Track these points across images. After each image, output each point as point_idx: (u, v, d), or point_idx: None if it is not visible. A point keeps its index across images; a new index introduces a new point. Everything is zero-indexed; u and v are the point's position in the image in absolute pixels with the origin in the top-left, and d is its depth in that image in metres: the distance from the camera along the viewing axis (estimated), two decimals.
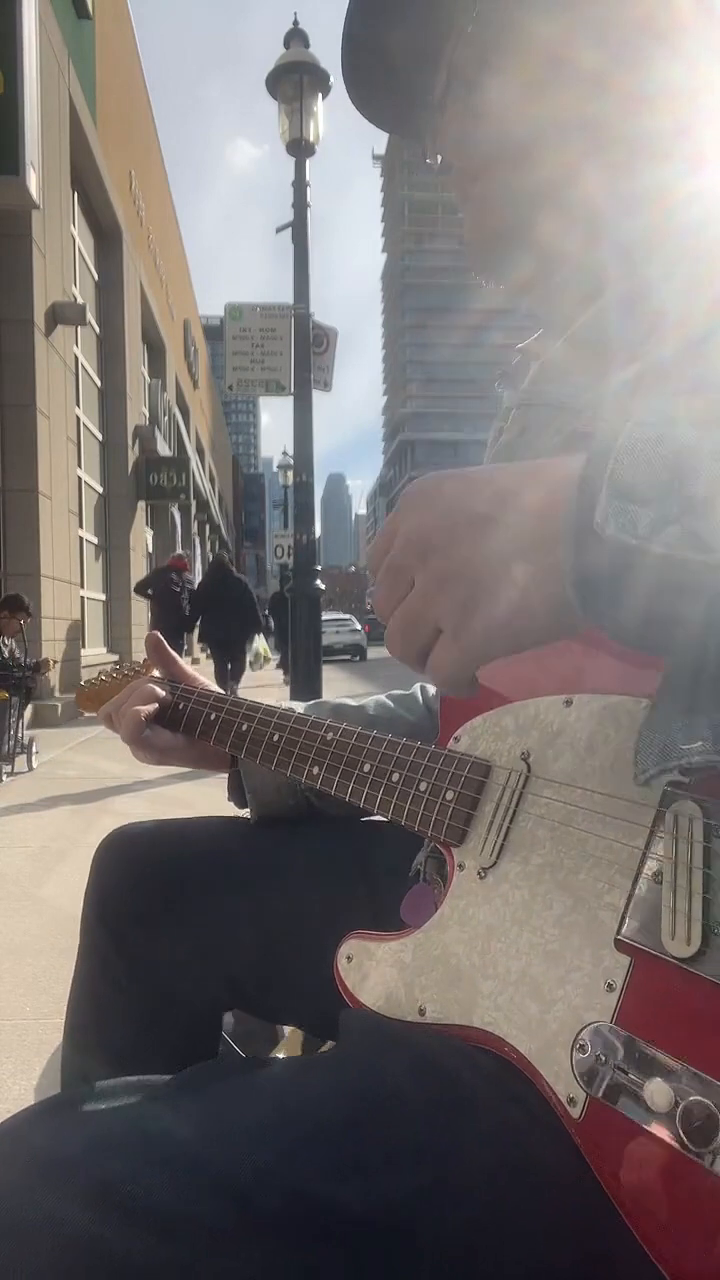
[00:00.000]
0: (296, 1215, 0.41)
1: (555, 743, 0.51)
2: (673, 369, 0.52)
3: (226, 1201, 0.41)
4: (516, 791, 0.52)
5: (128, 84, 12.01)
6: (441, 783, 0.56)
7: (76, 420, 8.98)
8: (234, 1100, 0.47)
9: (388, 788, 0.60)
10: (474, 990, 0.49)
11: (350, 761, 0.63)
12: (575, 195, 0.59)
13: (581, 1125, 0.42)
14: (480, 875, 0.52)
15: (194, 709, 0.79)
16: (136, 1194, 0.40)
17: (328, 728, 0.66)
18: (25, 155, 6.20)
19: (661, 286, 0.54)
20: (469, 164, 0.63)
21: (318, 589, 6.06)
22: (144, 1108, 0.48)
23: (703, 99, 0.58)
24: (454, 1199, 0.43)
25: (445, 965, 0.51)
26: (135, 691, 0.81)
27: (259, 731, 0.72)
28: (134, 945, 0.75)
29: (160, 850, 0.79)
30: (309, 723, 0.68)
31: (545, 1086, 0.44)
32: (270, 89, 6.05)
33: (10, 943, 2.30)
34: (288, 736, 0.69)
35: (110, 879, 0.78)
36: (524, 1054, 0.45)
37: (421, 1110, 0.45)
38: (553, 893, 0.48)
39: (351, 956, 0.56)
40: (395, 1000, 0.53)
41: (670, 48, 0.56)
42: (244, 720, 0.74)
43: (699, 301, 0.52)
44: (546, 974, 0.46)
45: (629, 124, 0.57)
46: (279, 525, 24.23)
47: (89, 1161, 0.42)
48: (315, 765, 0.66)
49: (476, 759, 0.55)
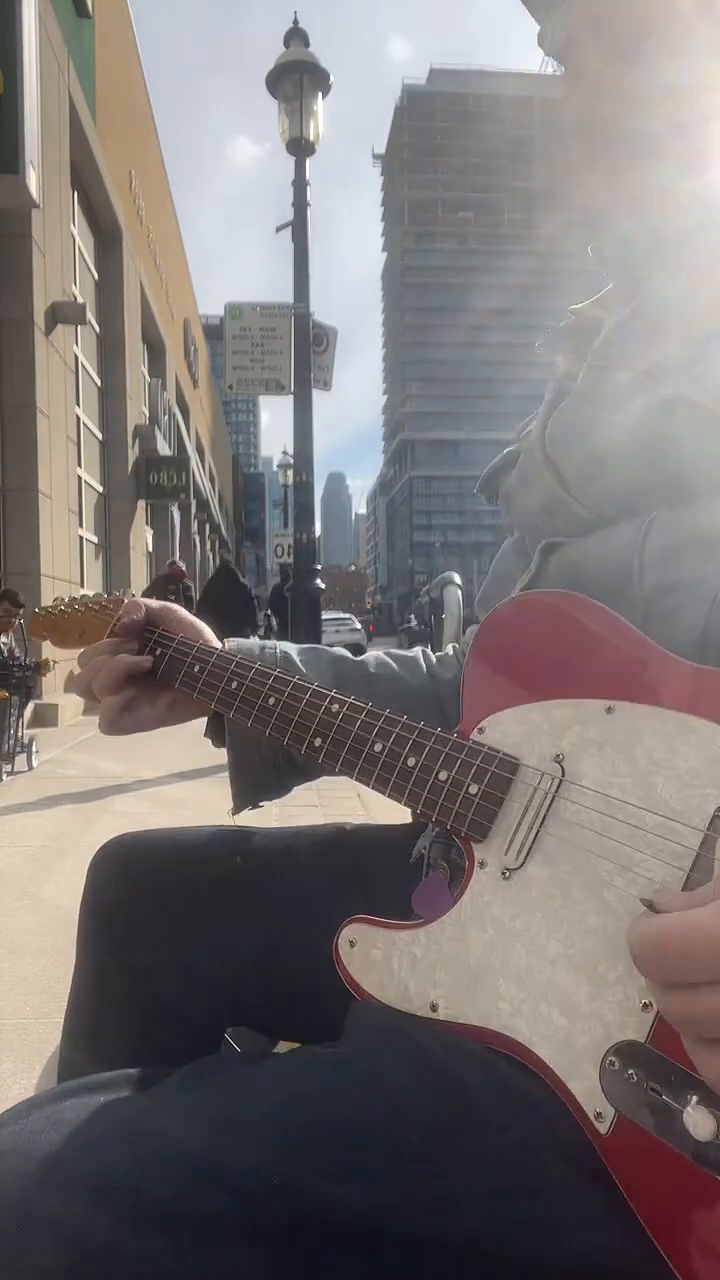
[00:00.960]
0: (296, 1215, 0.40)
1: (594, 749, 0.49)
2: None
3: (226, 1199, 0.40)
4: (550, 794, 0.50)
5: (128, 84, 12.00)
6: (464, 775, 0.53)
7: (76, 420, 8.97)
8: (235, 1098, 0.46)
9: (402, 772, 0.56)
10: (493, 993, 0.48)
11: (359, 739, 0.59)
12: (689, 147, 0.57)
13: (609, 1141, 0.41)
14: (504, 876, 0.50)
15: (174, 657, 0.73)
16: (135, 1191, 0.40)
17: (332, 699, 0.62)
18: (25, 154, 6.19)
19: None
20: (614, 41, 0.58)
21: (318, 588, 6.06)
22: (144, 1104, 0.47)
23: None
24: (454, 1214, 0.42)
25: (462, 963, 0.50)
26: (109, 668, 0.72)
27: (252, 691, 0.67)
28: (132, 959, 0.73)
29: (155, 861, 0.76)
30: (310, 690, 0.64)
31: (570, 1099, 0.43)
32: (270, 88, 6.06)
33: (10, 943, 2.30)
34: (285, 702, 0.64)
35: (106, 893, 0.75)
36: (549, 1064, 0.44)
37: (426, 1119, 0.45)
38: (585, 903, 0.46)
39: (355, 941, 0.54)
40: (404, 992, 0.51)
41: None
42: (233, 677, 0.68)
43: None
44: (576, 986, 0.45)
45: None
46: (279, 525, 24.21)
47: (88, 1158, 0.42)
48: (318, 738, 0.62)
49: (505, 755, 0.52)
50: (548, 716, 0.52)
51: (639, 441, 0.55)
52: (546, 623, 0.55)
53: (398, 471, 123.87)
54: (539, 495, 0.65)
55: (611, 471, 0.57)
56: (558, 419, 0.64)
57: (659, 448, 0.54)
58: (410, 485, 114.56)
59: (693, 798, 0.44)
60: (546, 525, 0.64)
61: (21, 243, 7.04)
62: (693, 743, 0.45)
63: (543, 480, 0.64)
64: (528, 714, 0.53)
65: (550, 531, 0.64)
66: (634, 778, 0.46)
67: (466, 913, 0.51)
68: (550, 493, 0.63)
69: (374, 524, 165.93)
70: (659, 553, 0.54)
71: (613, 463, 0.56)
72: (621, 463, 0.56)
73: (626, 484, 0.56)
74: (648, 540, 0.55)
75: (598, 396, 0.60)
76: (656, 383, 0.55)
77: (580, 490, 0.61)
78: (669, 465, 0.54)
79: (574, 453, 0.61)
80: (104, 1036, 0.75)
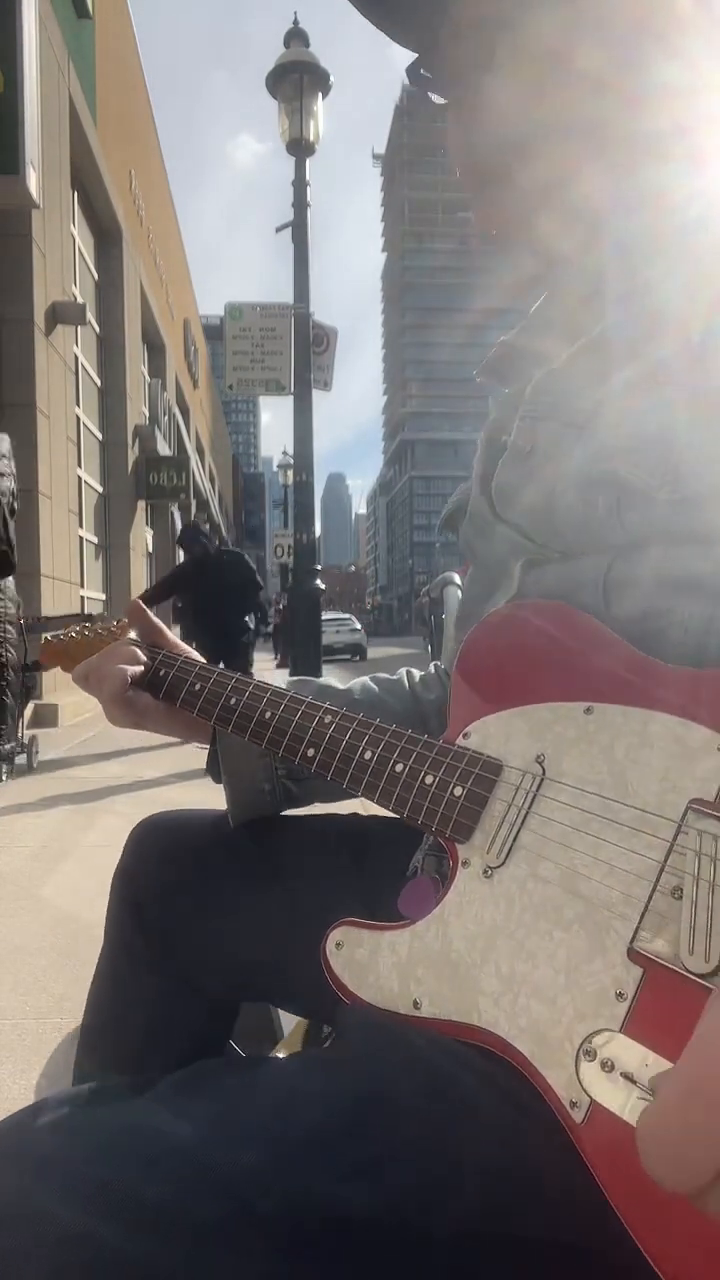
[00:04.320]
0: (296, 1216, 0.41)
1: (573, 748, 0.50)
2: (673, 369, 0.52)
3: (226, 1202, 0.41)
4: (531, 793, 0.51)
5: (128, 84, 12.00)
6: (450, 778, 0.55)
7: (76, 420, 8.97)
8: (233, 1101, 0.47)
9: (390, 777, 0.58)
10: (474, 988, 0.49)
11: (350, 747, 0.62)
12: (576, 194, 0.59)
13: (584, 1129, 0.42)
14: (486, 874, 0.51)
15: (177, 676, 0.76)
16: (135, 1194, 0.40)
17: (325, 710, 0.65)
18: (25, 155, 6.19)
19: (661, 286, 0.54)
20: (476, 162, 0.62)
21: (318, 589, 6.06)
22: (143, 1108, 0.48)
23: (702, 98, 0.58)
24: (453, 1198, 0.43)
25: (444, 961, 0.51)
26: (115, 652, 0.77)
27: (249, 706, 0.69)
28: (156, 927, 0.76)
29: (181, 838, 0.80)
30: (304, 703, 0.66)
31: (548, 1090, 0.44)
32: (270, 89, 6.07)
33: (10, 943, 2.30)
34: (281, 715, 0.67)
35: (136, 861, 0.79)
36: (527, 1056, 0.45)
37: (420, 1110, 0.45)
38: (562, 897, 0.47)
39: (341, 943, 0.55)
40: (388, 991, 0.52)
41: (669, 47, 0.56)
42: (233, 694, 0.71)
43: (699, 302, 0.52)
44: (553, 978, 0.46)
45: (630, 124, 0.57)
46: (279, 525, 24.23)
47: (88, 1161, 0.42)
48: (310, 748, 0.64)
49: (488, 757, 0.54)
50: (529, 720, 0.53)
51: (580, 492, 0.55)
52: (528, 631, 0.56)
53: (398, 472, 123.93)
54: (501, 542, 0.66)
55: (563, 524, 0.58)
56: (500, 477, 0.65)
57: (603, 493, 0.54)
58: (410, 485, 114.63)
59: (668, 791, 0.45)
60: (517, 559, 0.65)
61: (21, 243, 7.04)
62: (668, 738, 0.46)
63: (500, 531, 0.66)
64: (511, 718, 0.54)
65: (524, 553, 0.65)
66: (612, 775, 0.48)
67: (449, 911, 0.52)
68: (511, 539, 0.64)
69: (374, 524, 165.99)
70: (623, 589, 0.54)
71: (561, 516, 0.57)
72: (568, 515, 0.57)
73: (580, 531, 0.57)
74: (610, 575, 0.55)
75: (533, 452, 0.61)
76: (656, 384, 0.55)
77: (540, 535, 0.61)
78: (613, 513, 0.54)
79: (522, 508, 0.62)
80: (125, 1009, 0.78)
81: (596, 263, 0.59)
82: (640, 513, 0.52)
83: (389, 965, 0.53)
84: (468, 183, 0.64)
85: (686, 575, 0.51)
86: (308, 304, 6.29)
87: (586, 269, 0.61)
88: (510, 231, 0.64)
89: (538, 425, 0.62)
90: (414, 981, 0.51)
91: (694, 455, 0.50)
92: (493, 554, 0.68)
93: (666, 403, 0.51)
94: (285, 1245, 0.41)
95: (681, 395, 0.51)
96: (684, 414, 0.51)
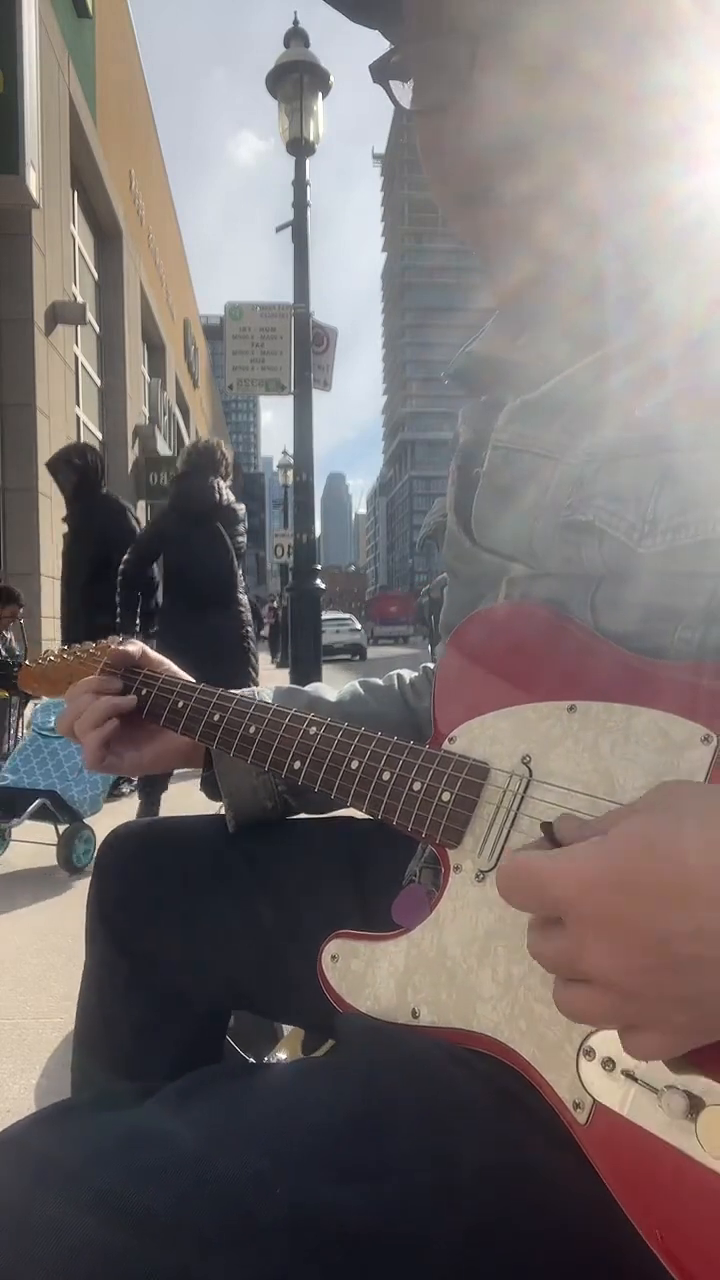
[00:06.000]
0: (297, 1222, 0.41)
1: (558, 748, 0.50)
2: (670, 370, 0.51)
3: (228, 1209, 0.41)
4: (518, 794, 0.51)
5: (128, 83, 12.00)
6: (437, 783, 0.54)
7: (76, 420, 8.98)
8: (235, 1107, 0.47)
9: (378, 786, 0.58)
10: (472, 994, 0.49)
11: (336, 758, 0.61)
12: (574, 195, 0.58)
13: (588, 1131, 0.42)
14: (478, 878, 0.51)
15: (159, 695, 0.74)
16: (138, 1201, 0.40)
17: (310, 721, 0.64)
18: (25, 155, 6.19)
19: (660, 287, 0.54)
20: None
21: (318, 589, 6.06)
22: (146, 1114, 0.48)
23: (702, 99, 0.57)
24: (454, 1202, 0.43)
25: (440, 968, 0.50)
26: (93, 708, 0.74)
27: (233, 722, 0.68)
28: (136, 944, 0.75)
29: (157, 849, 0.78)
30: (289, 715, 0.65)
31: (550, 1092, 0.44)
32: (270, 88, 6.05)
33: (11, 942, 2.30)
34: (265, 729, 0.66)
35: (109, 879, 0.78)
36: (528, 1060, 0.45)
37: (420, 1115, 0.45)
38: None
39: (337, 956, 0.55)
40: (386, 1002, 0.52)
41: (669, 47, 0.56)
42: (216, 710, 0.70)
43: (698, 302, 0.52)
44: (549, 979, 0.45)
45: (630, 124, 0.57)
46: (279, 525, 24.21)
47: (91, 1168, 0.42)
48: (297, 760, 0.63)
49: (475, 761, 0.54)
50: (514, 721, 0.53)
51: (561, 533, 0.55)
52: (509, 633, 0.56)
53: (398, 472, 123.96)
54: (485, 565, 0.65)
55: (544, 555, 0.57)
56: (478, 509, 0.63)
57: (583, 538, 0.53)
58: (410, 485, 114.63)
59: (651, 784, 0.45)
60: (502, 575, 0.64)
61: (21, 243, 7.05)
62: (652, 733, 0.46)
63: (483, 559, 0.65)
64: (495, 721, 0.54)
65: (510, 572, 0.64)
66: (598, 772, 0.47)
67: (444, 917, 0.52)
68: (495, 563, 0.63)
69: (374, 524, 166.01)
70: (611, 609, 0.54)
71: (542, 547, 0.57)
72: (550, 549, 0.56)
73: (564, 564, 0.56)
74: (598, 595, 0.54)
75: (510, 488, 0.60)
76: (657, 384, 0.55)
77: (523, 559, 0.61)
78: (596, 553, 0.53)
79: (502, 540, 0.61)
80: (111, 1026, 0.76)
81: (595, 263, 0.58)
82: (622, 560, 0.51)
83: (385, 975, 0.53)
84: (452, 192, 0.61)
85: (674, 605, 0.50)
86: (308, 304, 6.27)
87: (584, 269, 0.60)
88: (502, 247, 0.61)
89: (511, 457, 0.60)
90: (411, 990, 0.51)
91: (670, 508, 0.49)
92: (478, 574, 0.68)
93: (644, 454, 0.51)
94: (288, 1252, 0.41)
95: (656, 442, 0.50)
96: (656, 469, 0.50)
